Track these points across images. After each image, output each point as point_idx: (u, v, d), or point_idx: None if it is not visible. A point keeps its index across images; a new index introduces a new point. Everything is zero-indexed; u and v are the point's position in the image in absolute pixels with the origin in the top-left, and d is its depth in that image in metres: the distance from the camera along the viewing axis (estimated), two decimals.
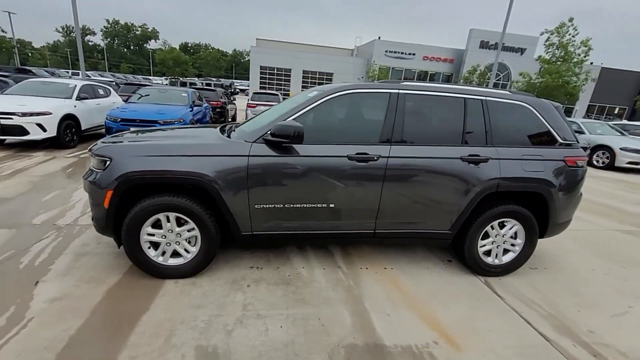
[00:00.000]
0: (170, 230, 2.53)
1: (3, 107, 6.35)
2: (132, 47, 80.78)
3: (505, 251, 3.03)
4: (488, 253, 3.01)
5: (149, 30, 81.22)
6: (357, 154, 2.59)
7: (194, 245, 2.61)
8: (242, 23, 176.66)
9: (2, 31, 23.83)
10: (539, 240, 3.00)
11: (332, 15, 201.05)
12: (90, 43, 75.33)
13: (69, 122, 7.09)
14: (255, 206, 2.56)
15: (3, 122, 6.25)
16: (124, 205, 2.46)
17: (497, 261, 3.01)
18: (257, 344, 2.01)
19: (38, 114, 6.48)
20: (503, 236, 2.95)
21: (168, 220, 2.51)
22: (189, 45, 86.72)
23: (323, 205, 2.64)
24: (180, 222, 2.55)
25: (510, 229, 2.93)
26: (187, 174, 2.39)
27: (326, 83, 36.22)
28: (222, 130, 2.93)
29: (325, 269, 2.95)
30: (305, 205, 2.62)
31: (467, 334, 2.25)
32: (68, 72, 25.46)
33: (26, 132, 6.38)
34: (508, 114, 2.93)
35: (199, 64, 63.16)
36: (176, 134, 2.92)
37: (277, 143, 2.50)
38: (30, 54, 62.61)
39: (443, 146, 2.74)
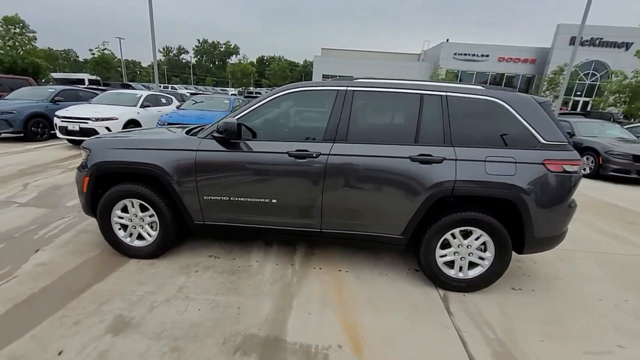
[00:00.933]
0: (135, 215, 2.88)
1: (83, 113, 7.79)
2: (216, 63, 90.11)
3: (473, 265, 2.71)
4: (451, 265, 2.72)
5: (232, 46, 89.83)
6: (297, 150, 2.62)
7: (155, 230, 2.91)
8: (316, 36, 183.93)
9: (112, 53, 28.81)
10: (549, 257, 2.62)
11: (408, 24, 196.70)
12: (183, 61, 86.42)
13: (132, 126, 8.34)
14: (204, 197, 2.76)
15: (82, 125, 7.66)
16: (100, 191, 2.88)
17: (461, 275, 2.70)
18: (167, 321, 2.18)
19: (107, 119, 7.79)
20: (468, 247, 2.64)
21: (133, 206, 2.86)
22: (265, 58, 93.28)
23: (266, 200, 2.72)
24: (144, 208, 2.88)
25: (476, 239, 2.62)
26: (141, 164, 2.71)
27: None
28: (190, 130, 3.21)
29: (278, 265, 3.00)
30: (249, 200, 2.73)
31: (381, 344, 2.09)
32: (160, 86, 29.74)
33: (97, 134, 7.72)
34: (474, 111, 2.64)
35: (268, 75, 67.59)
36: (148, 132, 3.29)
37: (221, 139, 2.67)
38: (138, 72, 74.59)
39: (391, 144, 2.59)
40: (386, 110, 2.77)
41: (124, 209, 2.89)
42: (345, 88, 2.70)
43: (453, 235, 2.63)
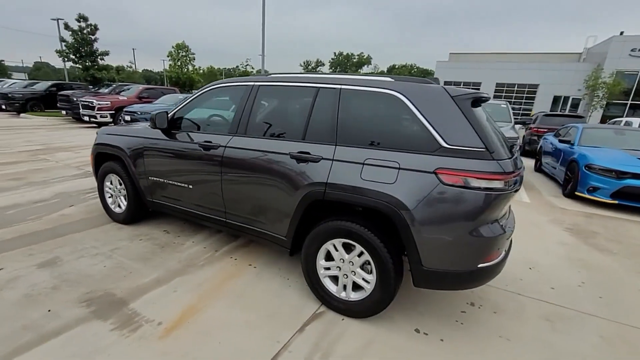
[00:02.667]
0: (115, 187, 3.65)
1: None
2: (348, 72, 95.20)
3: (358, 287, 2.29)
4: (336, 280, 2.38)
5: (364, 57, 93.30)
6: (205, 141, 2.81)
7: (126, 200, 3.61)
8: (459, 41, 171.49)
9: (252, 68, 34.46)
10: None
11: (579, 22, 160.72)
12: (320, 71, 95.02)
13: None
14: (150, 178, 3.27)
15: None
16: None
17: (343, 294, 2.33)
18: (76, 268, 2.74)
19: None
20: (350, 264, 2.26)
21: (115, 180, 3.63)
22: (396, 66, 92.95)
23: (184, 185, 3.01)
24: (121, 183, 3.61)
25: (358, 256, 2.22)
26: (111, 146, 3.43)
27: (527, 96, 30.14)
28: None
29: (205, 248, 3.24)
30: (174, 183, 3.09)
31: (195, 334, 2.08)
32: None
33: None
34: (367, 106, 2.26)
35: None
36: (132, 124, 4.00)
37: (157, 129, 3.11)
38: None
39: (279, 140, 2.48)
40: (285, 105, 2.64)
41: (112, 182, 3.69)
42: (252, 83, 2.73)
43: (335, 247, 2.31)
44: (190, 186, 2.98)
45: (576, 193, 5.79)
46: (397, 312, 2.42)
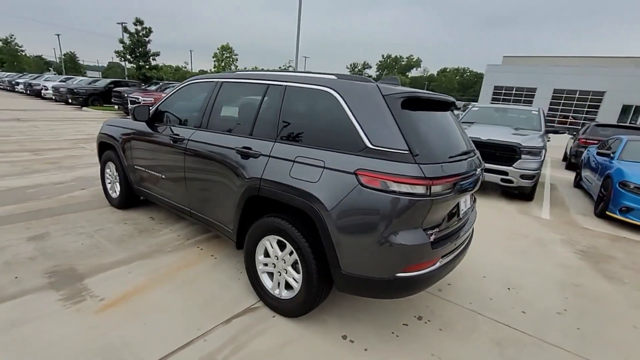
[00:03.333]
0: (113, 174, 3.97)
1: None
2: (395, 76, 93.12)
3: (290, 286, 2.27)
4: (273, 277, 2.38)
5: (414, 60, 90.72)
6: (174, 134, 2.96)
7: (119, 187, 3.91)
8: (520, 44, 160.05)
9: (293, 68, 35.23)
10: None
11: None
12: (367, 75, 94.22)
13: None
14: (135, 166, 3.52)
15: None
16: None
17: (277, 292, 2.32)
18: (57, 243, 3.04)
19: None
20: (283, 262, 2.25)
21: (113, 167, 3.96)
22: (447, 70, 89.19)
23: (158, 174, 3.20)
24: (116, 170, 3.92)
25: (290, 254, 2.20)
26: (106, 135, 3.75)
27: (590, 104, 27.24)
28: None
29: (179, 236, 3.41)
30: (151, 172, 3.29)
31: (127, 313, 2.20)
32: None
33: None
34: (305, 103, 2.24)
35: (434, 86, 65.76)
36: None
37: (140, 121, 3.33)
38: None
39: (231, 135, 2.54)
40: (241, 101, 2.69)
41: (110, 169, 4.03)
42: (217, 80, 2.83)
43: (271, 244, 2.31)
44: (163, 176, 3.16)
45: (607, 213, 5.14)
46: (334, 316, 2.36)
